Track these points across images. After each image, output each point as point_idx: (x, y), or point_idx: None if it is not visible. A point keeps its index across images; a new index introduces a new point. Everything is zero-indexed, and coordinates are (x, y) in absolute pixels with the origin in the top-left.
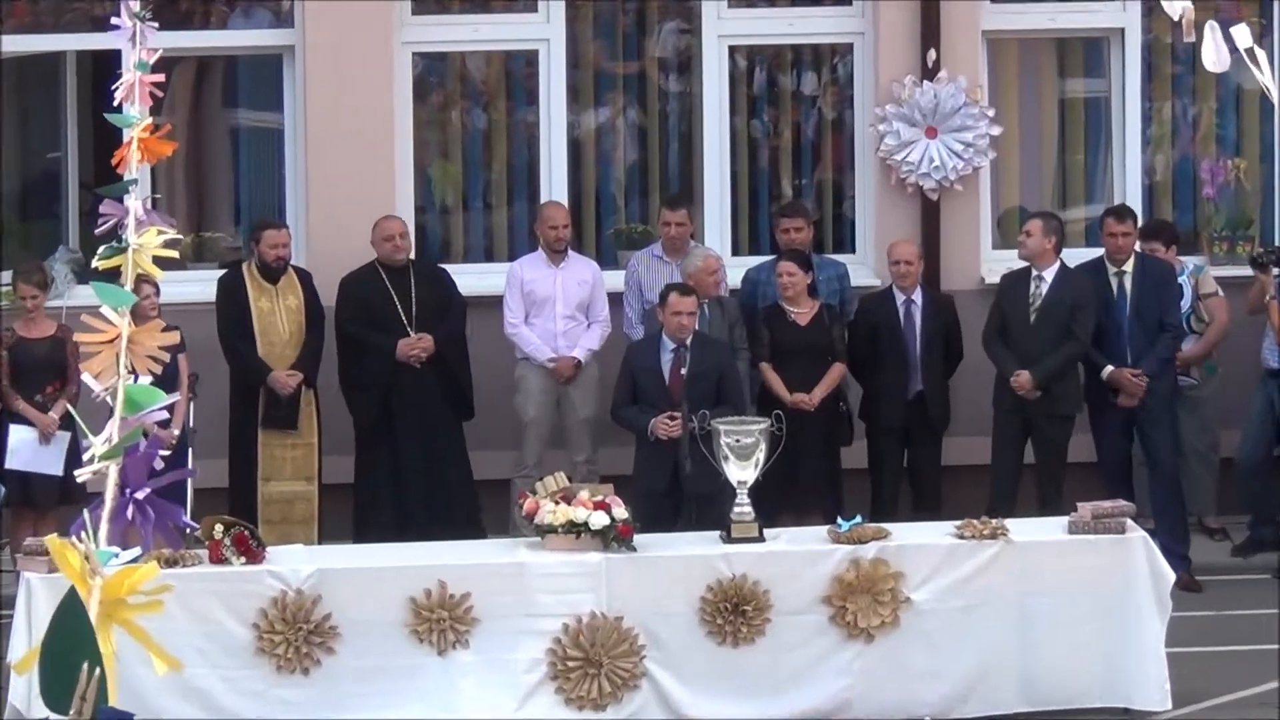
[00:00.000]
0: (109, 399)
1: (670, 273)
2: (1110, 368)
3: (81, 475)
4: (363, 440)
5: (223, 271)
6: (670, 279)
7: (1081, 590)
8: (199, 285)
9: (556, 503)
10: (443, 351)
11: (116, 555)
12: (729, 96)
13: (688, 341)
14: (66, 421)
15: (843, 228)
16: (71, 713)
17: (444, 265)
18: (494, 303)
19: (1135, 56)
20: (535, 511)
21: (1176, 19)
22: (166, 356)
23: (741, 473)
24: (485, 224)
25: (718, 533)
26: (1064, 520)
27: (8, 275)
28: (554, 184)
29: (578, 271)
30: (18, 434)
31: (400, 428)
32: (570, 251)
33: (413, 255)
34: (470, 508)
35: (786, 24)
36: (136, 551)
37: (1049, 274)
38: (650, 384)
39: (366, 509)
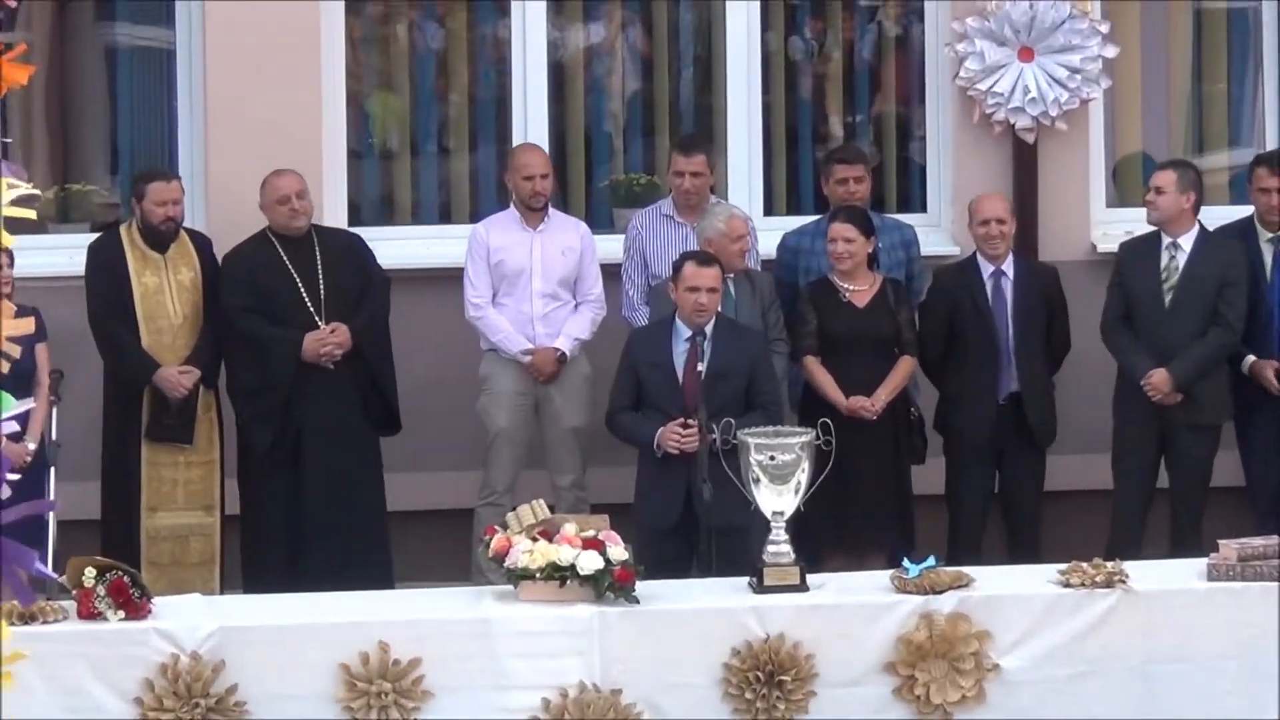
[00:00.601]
0: None
1: (684, 237)
2: (1252, 358)
3: None
4: (254, 463)
5: (95, 236)
6: (684, 246)
7: (1224, 654)
8: (64, 254)
9: (534, 539)
10: (361, 346)
11: None
12: (760, 7)
13: (708, 328)
14: None
15: (910, 179)
16: None
17: (388, 228)
18: (452, 277)
19: None
20: (506, 551)
21: None
22: (16, 350)
23: (777, 500)
24: (440, 174)
25: (746, 579)
26: (1202, 563)
27: None
28: (530, 121)
29: (561, 236)
30: None
31: (307, 448)
32: (552, 210)
33: (346, 221)
34: (380, 554)
35: None
36: None
37: (1186, 241)
38: (658, 384)
39: (257, 553)
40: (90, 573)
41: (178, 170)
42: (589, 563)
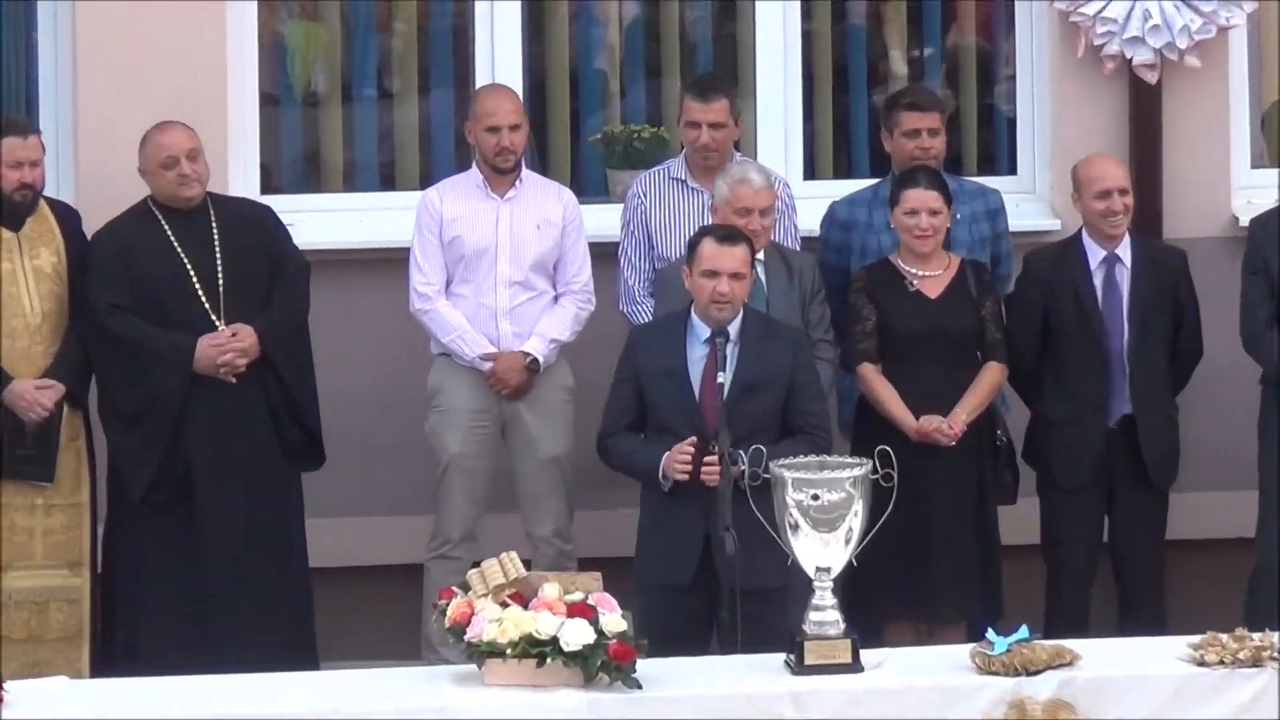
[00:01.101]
0: None
1: (701, 207)
2: None
3: None
4: (132, 508)
5: None
6: (701, 219)
7: None
8: None
9: (504, 605)
10: (271, 354)
11: None
12: None
13: (732, 326)
14: None
15: (994, 132)
16: None
17: (311, 196)
18: (395, 261)
19: None
20: (467, 620)
21: None
22: None
23: (823, 553)
24: (380, 126)
25: (781, 656)
26: None
27: None
28: (499, 58)
29: (537, 205)
30: None
31: (201, 488)
32: (526, 172)
33: (255, 189)
34: (301, 626)
35: None
36: None
37: None
38: (667, 399)
39: (138, 624)
40: None
41: (36, 123)
42: (575, 635)
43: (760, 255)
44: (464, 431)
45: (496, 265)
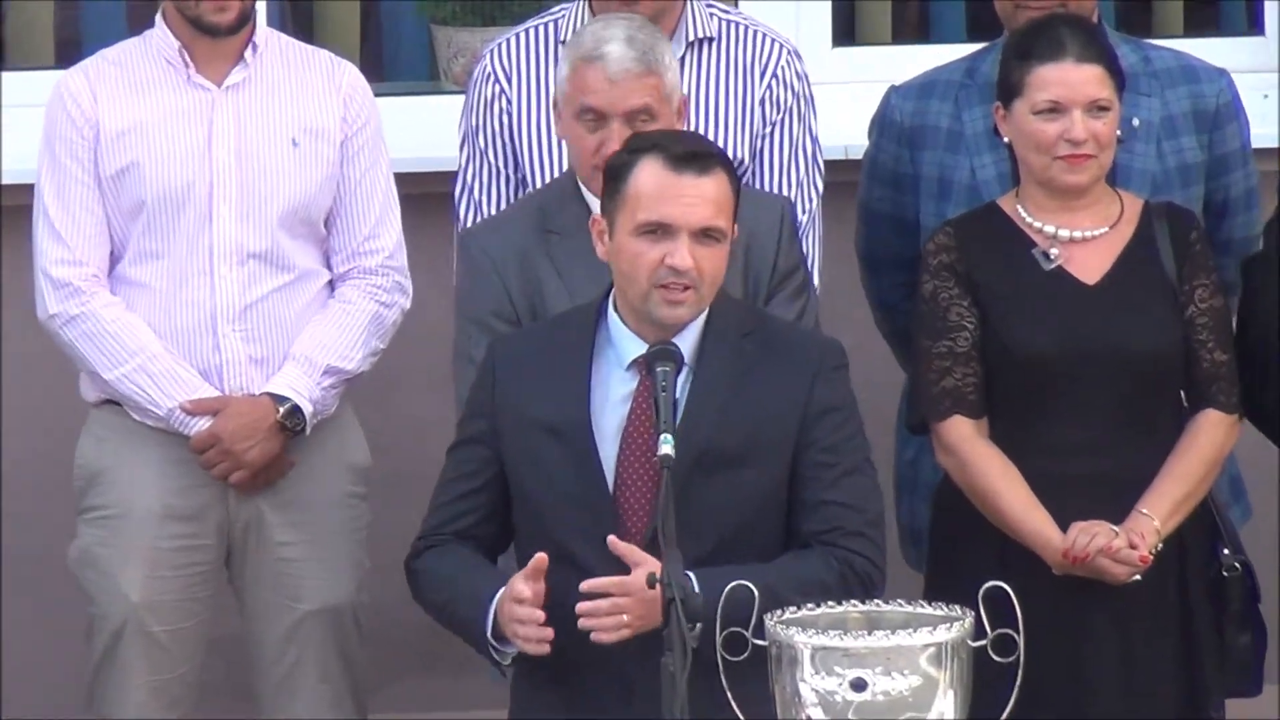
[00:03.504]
0: None
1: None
2: None
3: None
4: None
5: None
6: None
7: None
8: None
9: None
10: None
11: None
12: None
13: (687, 338)
14: None
15: None
16: None
17: None
18: (18, 213)
19: None
20: None
21: None
22: None
23: None
24: None
25: None
26: None
27: None
28: None
29: (289, 97)
30: None
31: None
32: (266, 31)
33: None
34: None
35: None
36: None
37: None
38: (553, 478)
39: None
40: None
41: None
42: None
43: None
44: (150, 560)
45: (212, 223)
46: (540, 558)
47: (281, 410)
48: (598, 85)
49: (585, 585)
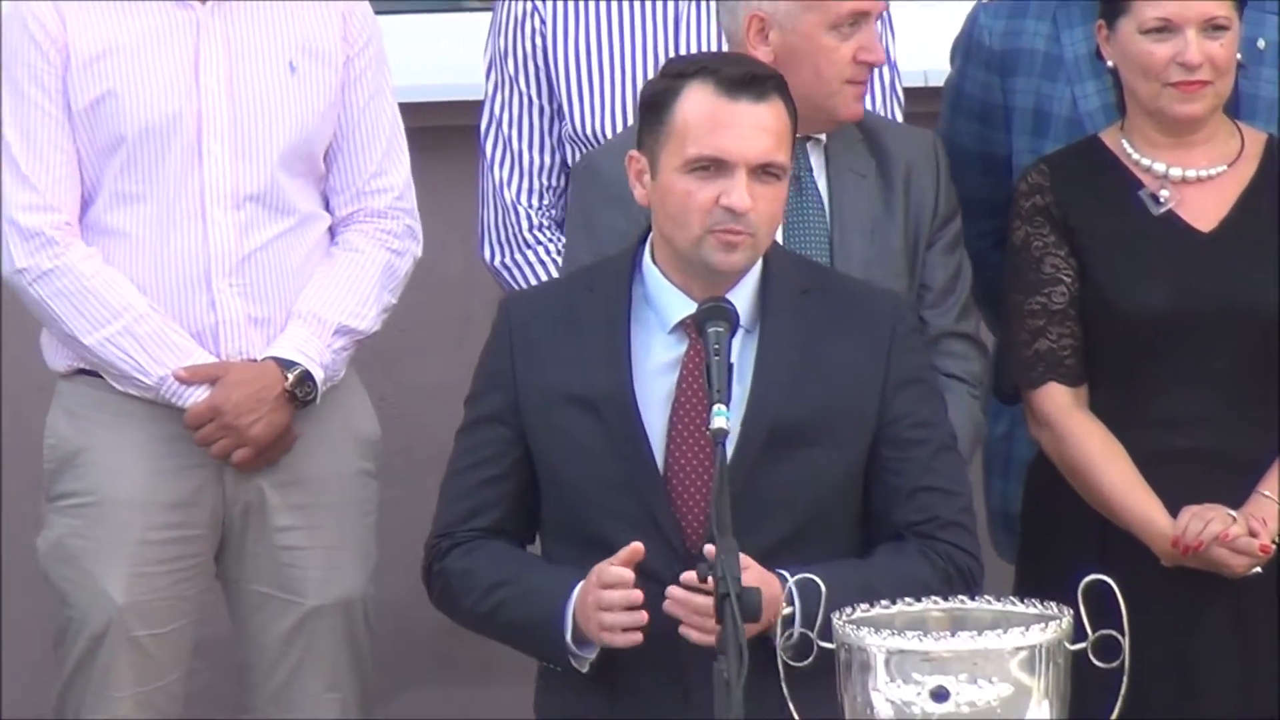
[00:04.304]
0: None
1: (670, 20)
2: None
3: None
4: None
5: None
6: (670, 45)
7: None
8: None
9: None
10: None
11: None
12: None
13: (742, 294)
14: None
15: None
16: None
17: None
18: None
19: None
20: None
21: None
22: None
23: None
24: None
25: None
26: None
27: None
28: None
29: (282, 13)
30: None
31: None
32: None
33: None
34: None
35: None
36: None
37: None
38: (589, 459)
39: None
40: None
41: None
42: None
43: (818, 135)
44: (135, 554)
45: (202, 160)
46: (636, 547)
47: (290, 377)
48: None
49: (685, 577)
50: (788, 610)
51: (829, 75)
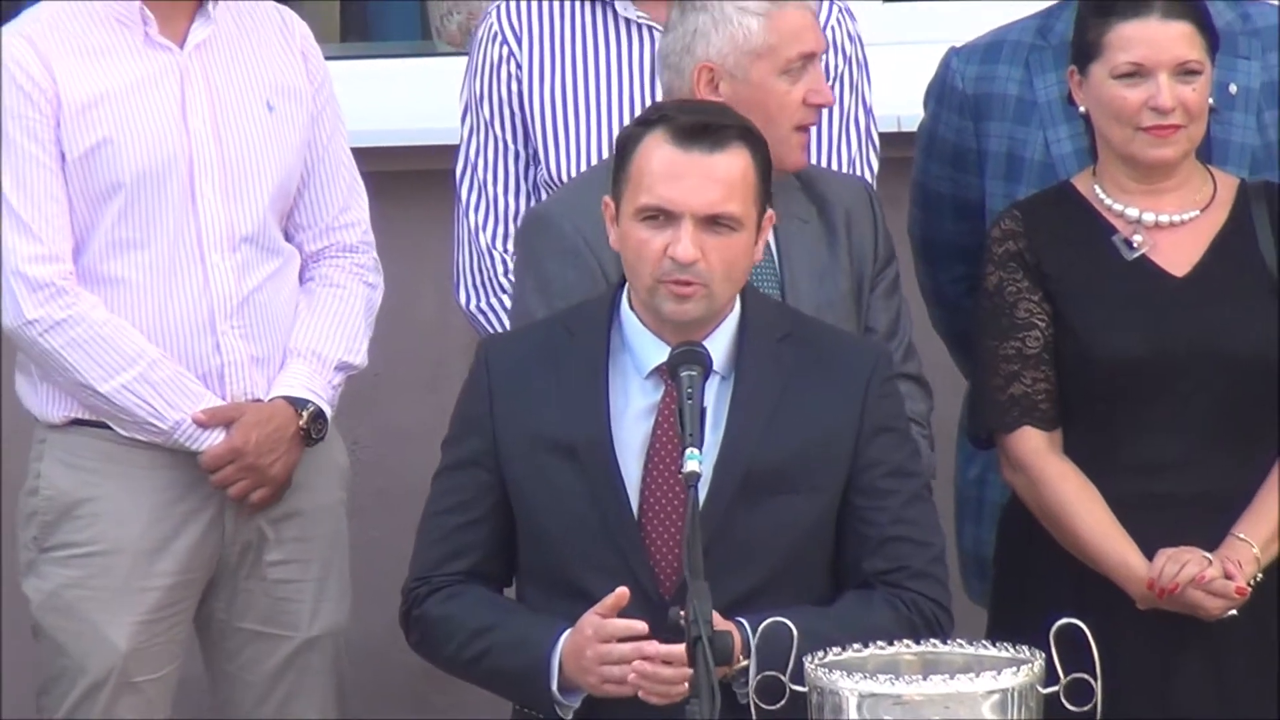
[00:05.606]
0: None
1: (631, 61)
2: None
3: None
4: None
5: None
6: (640, 91)
7: None
8: None
9: None
10: None
11: None
12: None
13: (719, 341)
14: None
15: None
16: None
17: None
18: None
19: None
20: None
21: None
22: None
23: None
24: None
25: None
26: None
27: None
28: None
29: (253, 55)
30: None
31: None
32: None
33: None
34: None
35: None
36: None
37: None
38: (565, 506)
39: None
40: None
41: None
42: None
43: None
44: (142, 603)
45: (196, 204)
46: (621, 593)
47: (304, 415)
48: (805, 26)
49: (651, 651)
50: (744, 663)
51: (781, 120)
